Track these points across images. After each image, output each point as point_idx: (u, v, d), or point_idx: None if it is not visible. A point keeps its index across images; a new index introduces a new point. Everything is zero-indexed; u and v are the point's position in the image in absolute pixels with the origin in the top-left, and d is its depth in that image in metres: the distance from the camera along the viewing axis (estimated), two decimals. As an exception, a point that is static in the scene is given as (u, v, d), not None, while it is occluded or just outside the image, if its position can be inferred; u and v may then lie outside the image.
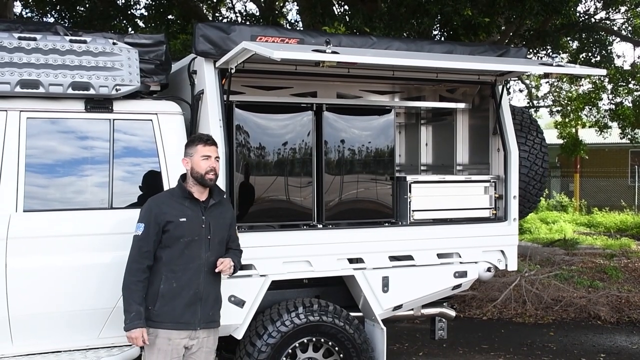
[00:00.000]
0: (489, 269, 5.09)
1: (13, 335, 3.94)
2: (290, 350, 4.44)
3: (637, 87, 15.17)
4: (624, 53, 21.79)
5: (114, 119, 4.20)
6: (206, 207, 3.79)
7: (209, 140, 3.80)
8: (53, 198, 4.06)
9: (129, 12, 11.41)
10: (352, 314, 4.71)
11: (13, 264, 3.88)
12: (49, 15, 10.92)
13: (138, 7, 11.69)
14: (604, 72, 5.37)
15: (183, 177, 3.84)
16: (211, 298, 3.81)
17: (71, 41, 4.09)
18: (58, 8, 10.75)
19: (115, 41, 4.23)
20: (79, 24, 10.26)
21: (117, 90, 4.10)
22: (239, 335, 4.37)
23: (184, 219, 3.70)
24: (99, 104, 4.14)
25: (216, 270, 3.77)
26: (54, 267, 3.97)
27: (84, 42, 4.11)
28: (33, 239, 3.95)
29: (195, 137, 3.87)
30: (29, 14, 11.43)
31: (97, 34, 4.33)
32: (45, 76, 3.96)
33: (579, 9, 11.22)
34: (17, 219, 3.91)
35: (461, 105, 5.61)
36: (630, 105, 15.22)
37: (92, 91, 4.06)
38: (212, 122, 4.28)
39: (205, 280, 3.76)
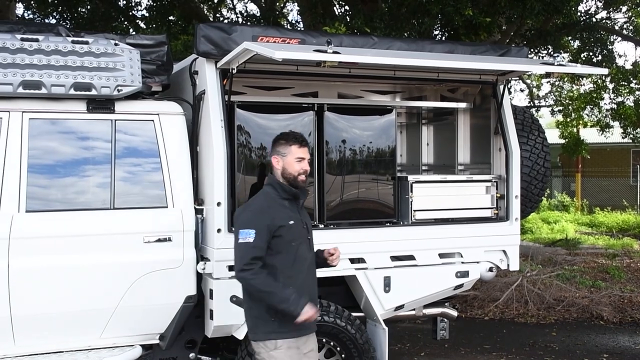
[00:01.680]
0: (490, 269, 5.09)
1: (15, 336, 3.95)
2: (291, 351, 4.43)
3: (639, 86, 15.17)
4: (625, 52, 21.86)
5: (115, 120, 4.21)
6: (300, 207, 3.66)
7: (304, 142, 3.59)
8: (55, 199, 4.07)
9: (131, 13, 11.42)
10: (353, 314, 4.70)
11: (15, 264, 3.88)
12: (51, 17, 10.93)
13: (139, 8, 11.73)
14: (605, 71, 5.37)
15: (271, 177, 3.59)
16: (316, 297, 3.71)
17: (73, 42, 4.11)
18: (60, 9, 10.76)
19: (117, 42, 4.25)
20: (80, 25, 10.27)
21: (118, 90, 4.12)
22: (240, 335, 4.37)
23: (292, 222, 3.50)
24: (101, 104, 4.16)
25: (334, 261, 3.70)
26: (56, 268, 3.98)
27: (86, 43, 4.13)
28: (35, 240, 3.96)
29: (289, 136, 3.60)
30: (31, 16, 11.45)
31: (99, 35, 4.35)
32: (47, 77, 3.98)
33: (580, 8, 11.21)
34: (19, 219, 3.92)
35: (462, 105, 5.61)
36: (632, 104, 15.21)
37: (94, 92, 4.07)
38: (213, 122, 4.28)
39: (313, 281, 3.66)
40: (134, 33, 9.74)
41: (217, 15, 12.81)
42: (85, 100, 4.13)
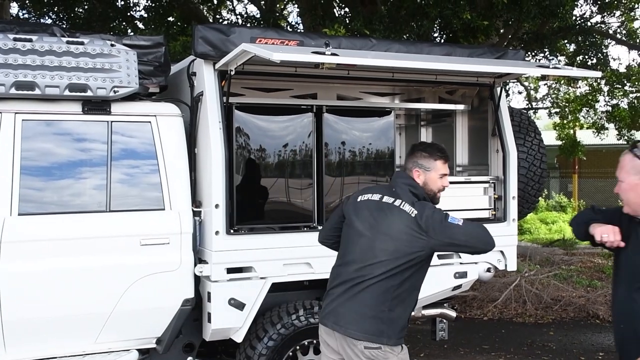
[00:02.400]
0: (488, 270, 5.09)
1: (6, 341, 3.88)
2: (290, 353, 4.43)
3: (633, 89, 15.24)
4: (619, 56, 21.97)
5: (111, 121, 4.17)
6: None
7: (447, 157, 3.43)
8: (49, 201, 4.01)
9: (129, 14, 11.39)
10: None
11: (7, 268, 3.83)
12: (47, 17, 10.87)
13: (137, 9, 11.69)
14: (599, 74, 5.40)
15: (420, 190, 3.33)
16: None
17: (68, 42, 4.06)
18: (56, 9, 10.71)
19: (113, 42, 4.20)
20: (77, 25, 10.23)
21: (115, 92, 4.07)
22: (239, 338, 4.35)
23: None
24: (97, 105, 4.11)
25: None
26: (49, 271, 3.93)
27: (81, 43, 4.08)
28: (28, 243, 3.90)
29: (434, 150, 3.40)
30: (26, 15, 11.40)
31: (95, 35, 4.30)
32: (41, 78, 3.92)
33: (575, 12, 11.27)
34: (11, 222, 3.86)
35: (460, 107, 5.60)
36: (626, 107, 15.28)
37: (89, 93, 4.02)
38: (211, 124, 4.26)
39: None
40: (132, 34, 9.72)
41: (217, 16, 12.79)
42: (81, 101, 4.08)
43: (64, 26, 8.59)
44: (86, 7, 10.79)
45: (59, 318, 3.98)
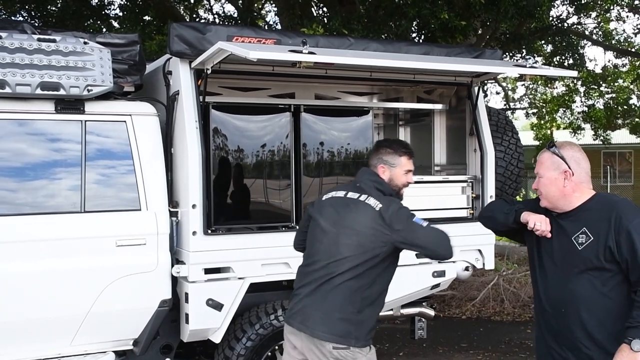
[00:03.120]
0: (467, 268, 5.11)
1: (-21, 345, 3.81)
2: (269, 353, 4.40)
3: (608, 90, 15.49)
4: (595, 57, 22.27)
5: (85, 121, 4.10)
6: None
7: (412, 153, 3.43)
8: (22, 202, 3.93)
9: (103, 13, 11.26)
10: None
11: (-21, 270, 3.74)
12: (18, 15, 10.68)
13: (113, 7, 11.55)
14: (574, 73, 5.45)
15: (386, 185, 3.33)
16: None
17: (39, 40, 3.96)
18: (27, 7, 10.53)
19: (86, 40, 4.12)
20: (50, 24, 10.08)
21: (88, 90, 4.00)
22: (217, 339, 4.32)
23: None
24: (70, 105, 4.04)
25: None
26: (23, 274, 3.85)
27: (53, 41, 3.99)
28: (0, 245, 3.82)
29: (398, 146, 3.42)
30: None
31: (67, 33, 4.22)
32: (11, 76, 3.82)
33: (552, 13, 11.41)
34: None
35: (438, 107, 5.62)
36: (602, 107, 15.52)
37: (62, 92, 3.94)
38: (188, 123, 4.22)
39: None
40: (106, 32, 9.60)
41: (194, 15, 12.70)
42: (54, 100, 4.01)
43: (37, 24, 8.45)
44: (59, 5, 10.62)
45: (33, 320, 3.90)
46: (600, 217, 2.73)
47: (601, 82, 14.99)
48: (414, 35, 9.22)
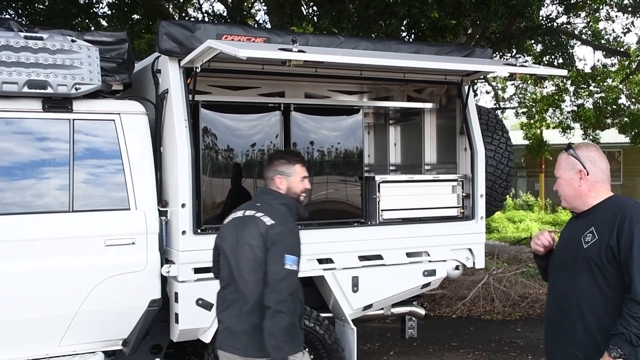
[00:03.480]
0: (457, 267, 5.12)
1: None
2: (259, 353, 4.38)
3: (597, 89, 15.56)
4: (584, 56, 22.38)
5: (73, 119, 4.07)
6: None
7: (305, 161, 3.53)
8: (9, 202, 3.90)
9: (92, 11, 11.18)
10: (322, 314, 4.67)
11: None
12: (5, 13, 10.57)
13: (101, 5, 11.47)
14: (564, 72, 5.47)
15: (285, 197, 3.38)
16: None
17: (26, 37, 3.93)
18: (14, 5, 10.43)
19: (74, 38, 4.09)
20: (38, 22, 9.99)
21: (76, 89, 3.98)
22: (207, 338, 4.29)
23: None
24: (58, 103, 4.01)
25: None
26: (11, 273, 3.82)
27: (40, 38, 3.96)
28: None
29: (291, 155, 3.50)
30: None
31: (55, 30, 4.18)
32: None
33: (541, 12, 11.44)
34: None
35: (429, 106, 5.62)
36: (591, 107, 15.58)
37: (49, 90, 3.92)
38: (177, 122, 4.19)
39: None
40: (94, 30, 9.53)
41: (183, 14, 12.64)
42: (41, 98, 3.97)
43: (24, 22, 8.39)
44: (47, 3, 10.54)
45: (21, 321, 3.87)
46: (608, 217, 2.77)
47: (590, 82, 15.05)
48: (404, 34, 9.22)
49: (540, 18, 11.33)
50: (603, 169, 2.90)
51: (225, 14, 12.10)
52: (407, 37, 9.18)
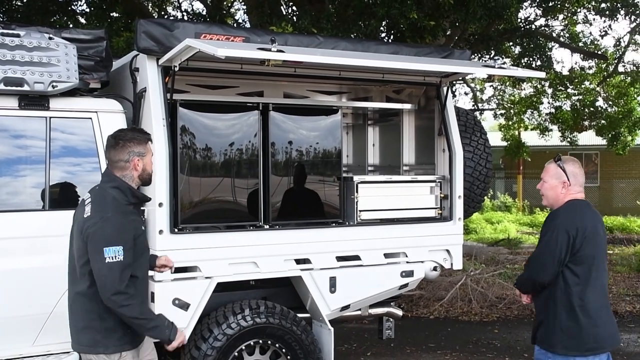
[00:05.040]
0: (435, 268, 5.14)
1: None
2: (236, 353, 4.37)
3: (575, 91, 15.73)
4: (562, 59, 22.61)
5: (50, 117, 4.05)
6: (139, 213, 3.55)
7: (151, 137, 3.50)
8: None
9: (70, 8, 11.07)
10: (299, 315, 4.67)
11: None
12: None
13: (80, 3, 11.36)
14: (542, 74, 5.52)
15: (118, 180, 3.30)
16: None
17: (2, 34, 3.90)
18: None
19: (51, 36, 4.06)
20: (16, 19, 9.88)
21: (53, 87, 3.95)
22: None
23: (144, 228, 3.48)
24: (34, 101, 3.99)
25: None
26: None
27: (17, 35, 3.93)
28: None
29: (141, 134, 3.41)
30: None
31: (32, 27, 4.16)
32: None
33: (520, 15, 11.55)
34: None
35: (407, 106, 5.64)
36: (569, 109, 15.76)
37: (26, 87, 3.89)
38: (155, 121, 4.17)
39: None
40: (72, 28, 9.44)
41: (162, 13, 12.57)
42: (17, 96, 3.94)
43: (1, 19, 8.27)
44: (25, 0, 10.42)
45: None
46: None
47: (568, 84, 15.22)
48: (383, 34, 9.26)
49: (519, 20, 11.44)
50: (581, 183, 3.62)
51: (204, 12, 12.05)
52: (387, 38, 9.23)
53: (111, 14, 11.05)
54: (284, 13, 10.22)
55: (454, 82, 8.36)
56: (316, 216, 4.82)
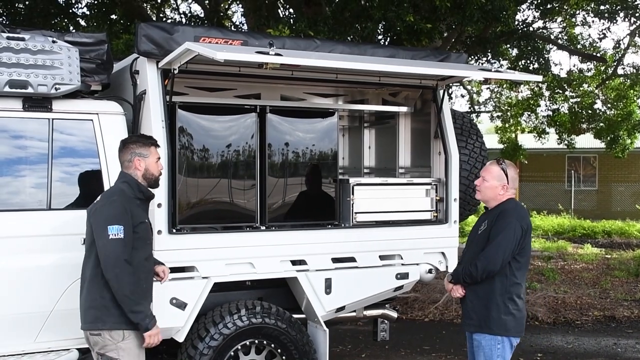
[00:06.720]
0: (430, 271, 5.19)
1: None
2: (232, 353, 4.43)
3: (573, 94, 15.75)
4: (560, 61, 22.59)
5: (53, 119, 4.12)
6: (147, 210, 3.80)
7: (158, 143, 3.84)
8: None
9: (70, 11, 11.13)
10: (295, 316, 4.72)
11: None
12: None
13: (80, 5, 11.43)
14: (539, 78, 5.56)
15: (128, 175, 3.67)
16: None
17: (8, 38, 3.99)
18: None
19: (54, 39, 4.15)
20: (18, 22, 9.94)
21: (56, 89, 4.03)
22: (180, 338, 4.33)
23: (147, 220, 3.70)
24: (38, 103, 4.06)
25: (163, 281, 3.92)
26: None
27: (22, 39, 4.02)
28: None
29: (145, 138, 3.80)
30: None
31: (36, 31, 4.25)
32: None
33: (517, 17, 11.56)
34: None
35: (403, 109, 5.70)
36: (567, 111, 15.78)
37: (30, 90, 3.97)
38: (154, 123, 4.23)
39: (152, 286, 3.80)
40: (73, 31, 9.50)
41: (161, 15, 12.63)
42: (21, 98, 4.02)
43: (4, 22, 8.33)
44: (27, 3, 10.48)
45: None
46: (496, 213, 3.94)
47: (566, 87, 15.22)
48: (379, 37, 9.30)
49: (516, 23, 11.45)
50: (515, 186, 4.03)
51: (202, 15, 12.11)
52: (383, 41, 9.26)
53: (111, 17, 11.12)
54: (281, 16, 10.28)
55: (450, 85, 8.39)
56: (312, 218, 4.88)
